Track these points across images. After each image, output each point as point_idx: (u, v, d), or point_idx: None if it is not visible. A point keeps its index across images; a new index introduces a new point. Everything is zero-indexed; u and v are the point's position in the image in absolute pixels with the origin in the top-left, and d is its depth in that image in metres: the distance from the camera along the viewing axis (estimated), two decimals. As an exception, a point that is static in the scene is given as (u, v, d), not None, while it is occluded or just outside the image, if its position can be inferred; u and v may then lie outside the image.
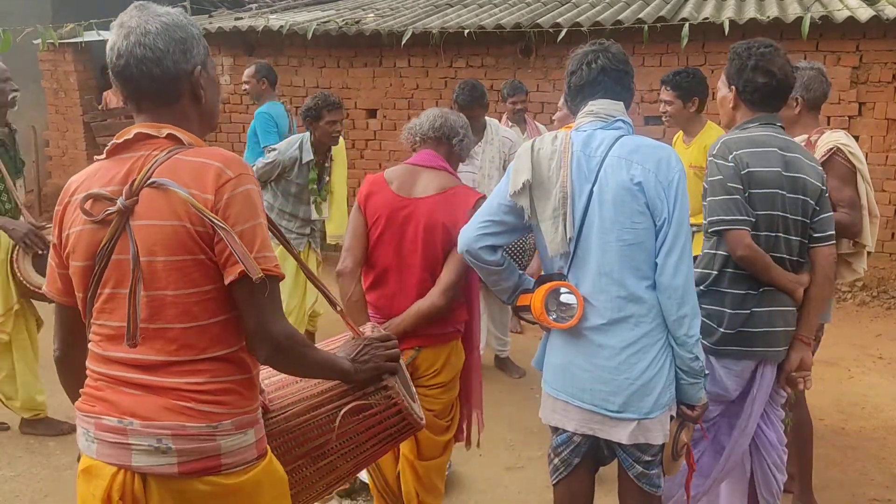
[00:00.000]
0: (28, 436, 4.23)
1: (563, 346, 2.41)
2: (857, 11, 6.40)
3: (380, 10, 9.00)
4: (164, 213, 1.60)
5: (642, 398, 2.30)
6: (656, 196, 2.27)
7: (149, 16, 1.67)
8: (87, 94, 9.68)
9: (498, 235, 2.44)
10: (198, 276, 1.61)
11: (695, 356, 2.32)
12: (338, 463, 2.03)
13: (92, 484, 1.65)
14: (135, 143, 1.69)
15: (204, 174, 1.61)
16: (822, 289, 2.73)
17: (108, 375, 1.68)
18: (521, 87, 5.92)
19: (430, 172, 2.84)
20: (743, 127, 2.74)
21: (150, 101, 1.71)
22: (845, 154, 3.16)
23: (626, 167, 2.29)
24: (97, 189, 1.65)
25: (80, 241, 1.67)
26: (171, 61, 1.67)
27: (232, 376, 1.68)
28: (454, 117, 2.96)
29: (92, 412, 1.67)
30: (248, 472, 1.68)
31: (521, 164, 2.40)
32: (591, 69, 2.41)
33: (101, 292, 1.66)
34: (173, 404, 1.62)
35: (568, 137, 2.39)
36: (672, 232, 2.27)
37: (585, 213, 2.31)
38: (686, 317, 2.28)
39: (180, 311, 1.62)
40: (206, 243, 1.60)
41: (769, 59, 2.66)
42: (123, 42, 1.66)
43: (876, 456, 4.08)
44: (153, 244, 1.60)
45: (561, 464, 2.51)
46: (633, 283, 2.29)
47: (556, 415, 2.45)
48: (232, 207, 1.60)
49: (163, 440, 1.60)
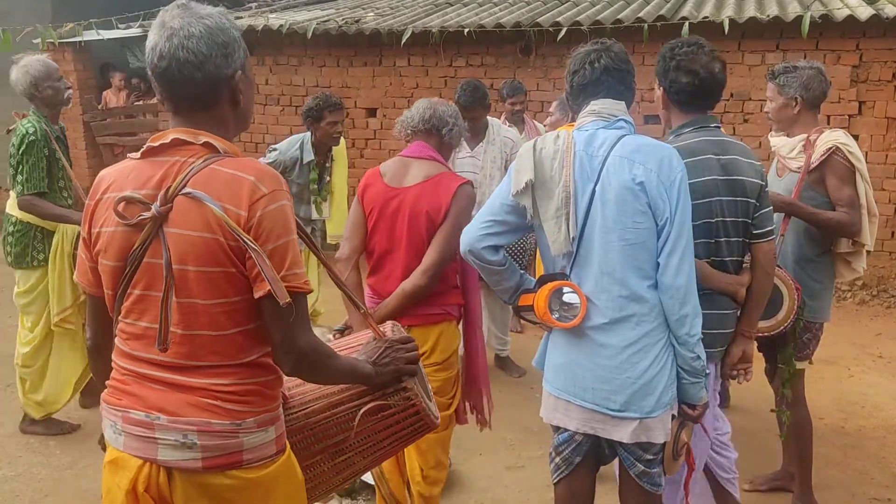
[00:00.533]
0: (28, 435, 4.23)
1: (564, 346, 2.41)
2: (856, 10, 6.39)
3: (379, 10, 9.00)
4: (198, 225, 1.61)
5: (644, 397, 2.31)
6: (658, 196, 2.27)
7: (192, 17, 1.65)
8: (87, 94, 9.67)
9: (500, 235, 2.45)
10: (227, 288, 1.63)
11: (696, 355, 2.34)
12: (354, 459, 2.07)
13: (118, 475, 1.69)
14: (171, 147, 1.68)
15: (238, 189, 1.61)
16: (763, 284, 2.73)
17: (134, 372, 1.71)
18: (520, 87, 5.91)
19: (419, 162, 2.94)
20: (678, 133, 2.69)
21: (189, 105, 1.69)
22: (844, 153, 3.17)
23: (629, 167, 2.29)
24: (131, 192, 1.65)
25: (113, 242, 1.68)
26: (213, 66, 1.65)
27: (257, 378, 1.71)
28: (443, 108, 3.03)
29: (119, 405, 1.71)
30: (268, 467, 1.73)
31: (523, 163, 2.40)
32: (593, 69, 2.41)
33: (130, 292, 1.69)
34: (199, 401, 1.66)
35: (570, 137, 2.39)
36: (674, 232, 2.27)
37: (588, 213, 2.32)
38: (688, 316, 2.29)
39: (209, 320, 1.64)
40: (238, 257, 1.62)
41: (691, 59, 2.59)
42: (166, 44, 1.63)
43: (876, 455, 4.08)
44: (185, 253, 1.61)
45: (562, 462, 2.52)
46: (635, 283, 2.29)
47: (557, 414, 2.46)
48: (265, 224, 1.61)
49: (188, 436, 1.64)
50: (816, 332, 3.41)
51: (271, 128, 8.80)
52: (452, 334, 3.01)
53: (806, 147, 3.25)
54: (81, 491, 3.70)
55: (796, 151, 3.29)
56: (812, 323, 3.36)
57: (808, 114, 3.32)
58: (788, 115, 3.33)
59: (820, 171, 3.22)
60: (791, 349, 3.32)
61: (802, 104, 3.29)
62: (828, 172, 3.21)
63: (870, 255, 3.44)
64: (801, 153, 3.27)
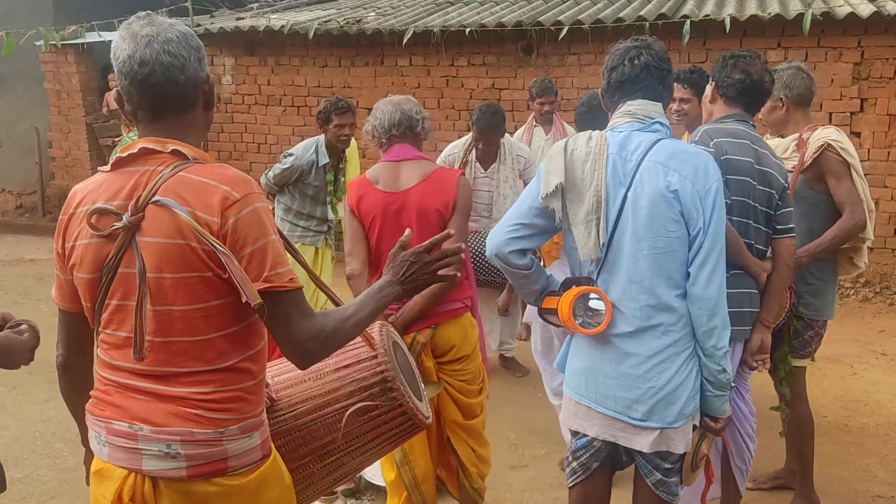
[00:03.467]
0: (35, 437, 4.25)
1: (588, 352, 2.36)
2: (858, 7, 6.39)
3: (381, 9, 9.01)
4: (171, 232, 1.61)
5: (667, 407, 2.26)
6: (692, 205, 2.22)
7: (163, 25, 1.68)
8: (90, 96, 9.70)
9: (528, 239, 2.37)
10: (204, 292, 1.63)
11: (722, 368, 2.28)
12: (344, 460, 2.07)
13: (103, 485, 1.70)
14: (140, 157, 1.69)
15: (209, 196, 1.62)
16: (783, 276, 2.89)
17: (116, 382, 1.71)
18: (551, 87, 5.71)
19: (408, 164, 2.95)
20: (721, 121, 2.91)
21: (169, 109, 1.70)
22: (836, 149, 3.19)
23: (663, 173, 2.23)
24: (103, 203, 1.66)
25: (87, 254, 1.68)
26: (192, 69, 1.69)
27: (239, 384, 1.71)
28: (407, 105, 3.00)
29: (102, 416, 1.71)
30: (253, 473, 1.73)
31: (553, 165, 2.33)
32: (633, 66, 2.33)
33: (108, 303, 1.69)
34: (181, 411, 1.65)
35: (603, 138, 2.32)
36: (707, 242, 2.23)
37: (618, 219, 2.26)
38: (716, 328, 2.24)
39: (187, 326, 1.64)
40: (214, 261, 1.61)
41: (748, 62, 2.89)
42: (146, 50, 1.64)
43: (879, 453, 4.09)
44: (160, 261, 1.62)
45: (579, 467, 2.47)
46: (663, 292, 2.24)
47: (577, 419, 2.41)
48: (240, 229, 1.61)
49: (172, 445, 1.64)
50: (819, 329, 3.41)
51: (273, 128, 8.82)
52: (473, 324, 3.09)
53: (799, 146, 3.27)
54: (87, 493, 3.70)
55: (790, 151, 3.31)
56: (815, 320, 3.36)
57: (797, 112, 3.35)
58: (778, 117, 3.38)
59: (815, 168, 3.23)
60: (785, 347, 3.34)
61: (789, 103, 3.33)
62: (824, 171, 3.22)
63: (871, 251, 3.44)
64: (794, 152, 3.28)
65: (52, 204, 10.57)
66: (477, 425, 3.12)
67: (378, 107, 3.04)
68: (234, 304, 1.65)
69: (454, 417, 3.04)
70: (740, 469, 3.11)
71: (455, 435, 3.07)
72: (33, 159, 10.43)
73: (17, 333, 1.96)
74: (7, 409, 4.57)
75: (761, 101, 2.98)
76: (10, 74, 10.41)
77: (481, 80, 7.85)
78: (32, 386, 4.76)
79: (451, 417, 3.04)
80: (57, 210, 10.44)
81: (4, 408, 4.59)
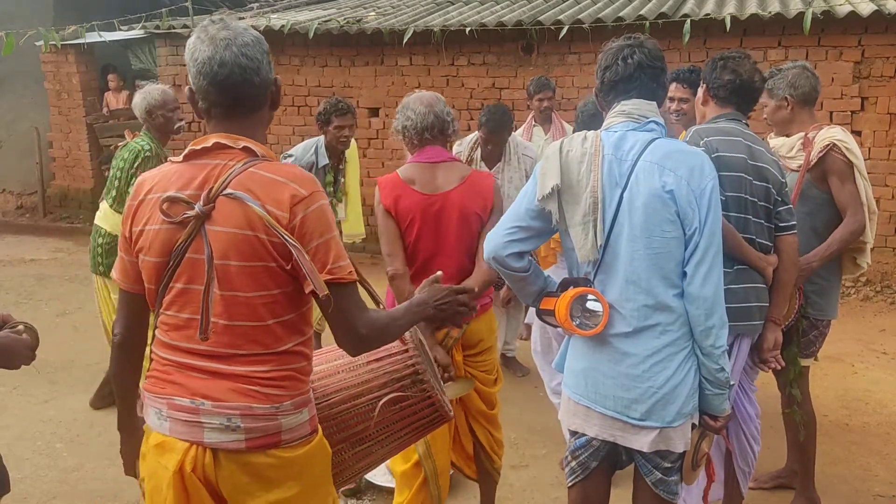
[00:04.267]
0: (35, 438, 4.25)
1: (586, 352, 2.36)
2: (858, 6, 6.39)
3: (381, 9, 9.01)
4: (240, 223, 1.74)
5: (665, 407, 2.27)
6: (687, 205, 2.22)
7: (238, 29, 1.80)
8: (90, 96, 9.70)
9: (525, 241, 2.38)
10: (267, 281, 1.77)
11: (720, 367, 2.28)
12: (373, 448, 2.19)
13: (165, 457, 1.80)
14: (212, 151, 1.81)
15: (279, 192, 1.75)
16: (789, 272, 2.91)
17: (175, 361, 1.83)
18: (547, 83, 5.70)
19: (444, 166, 2.99)
20: (713, 121, 2.96)
21: (242, 108, 1.83)
22: (841, 150, 3.19)
23: (659, 173, 2.23)
24: (175, 192, 1.78)
25: (157, 239, 1.80)
26: (264, 71, 1.83)
27: (292, 365, 1.84)
28: (439, 107, 3.02)
29: (163, 393, 1.82)
30: (304, 447, 1.86)
31: (549, 166, 2.32)
32: (626, 65, 2.32)
33: (172, 286, 1.81)
34: (240, 387, 1.78)
35: (598, 139, 2.31)
36: (703, 242, 2.22)
37: (615, 220, 2.26)
38: (714, 327, 2.24)
39: (249, 311, 1.77)
40: (280, 253, 1.74)
41: (737, 63, 2.92)
42: (225, 52, 1.76)
43: (880, 452, 4.08)
44: (228, 249, 1.75)
45: (578, 467, 2.47)
46: (661, 292, 2.24)
47: (576, 419, 2.41)
48: (307, 225, 1.75)
49: (232, 419, 1.77)
50: (823, 329, 3.41)
51: (273, 128, 8.82)
52: (494, 318, 3.24)
53: (805, 145, 3.26)
54: (88, 493, 3.72)
55: (795, 150, 3.30)
56: (819, 320, 3.36)
57: (802, 112, 3.34)
58: (783, 116, 3.37)
59: (819, 168, 3.23)
60: (795, 348, 3.33)
61: (794, 103, 3.32)
62: (828, 170, 3.22)
63: (872, 251, 3.44)
64: (799, 151, 3.28)
65: (52, 204, 10.58)
66: (497, 414, 3.27)
67: (408, 105, 3.02)
68: (293, 294, 1.80)
69: (479, 407, 3.17)
70: (743, 471, 3.12)
71: (478, 423, 3.20)
72: (34, 159, 10.44)
73: (16, 334, 2.00)
74: (8, 410, 4.57)
75: (753, 101, 2.99)
76: (11, 75, 10.42)
77: (481, 80, 7.85)
78: (33, 386, 4.77)
79: (477, 407, 3.16)
80: (57, 210, 10.46)
81: (5, 408, 4.59)
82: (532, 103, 5.74)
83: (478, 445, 3.24)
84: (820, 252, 3.22)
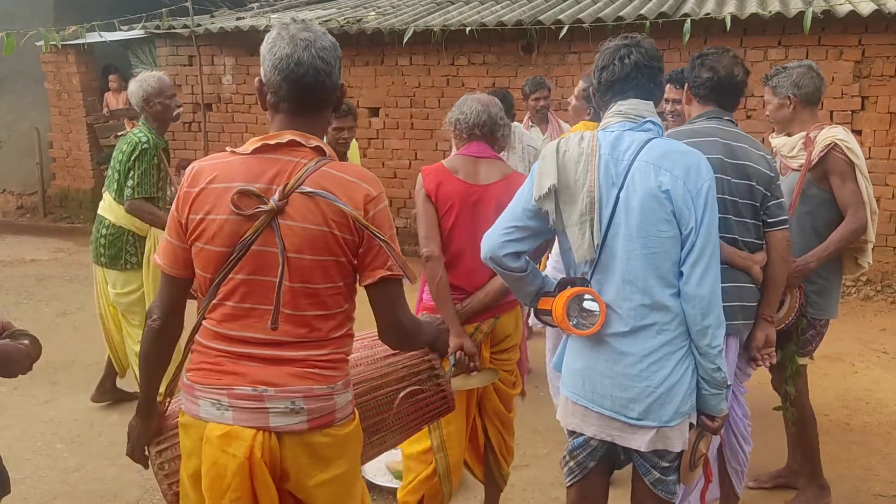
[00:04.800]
0: (35, 438, 4.25)
1: (584, 352, 2.37)
2: (859, 5, 6.39)
3: (381, 9, 9.02)
4: (317, 219, 1.82)
5: (663, 406, 2.27)
6: (684, 205, 2.22)
7: (318, 32, 1.88)
8: (90, 96, 9.71)
9: (522, 241, 2.38)
10: (334, 274, 1.87)
11: (717, 367, 2.28)
12: (386, 438, 2.31)
13: (233, 446, 1.83)
14: (285, 147, 1.87)
15: (353, 191, 1.85)
16: (779, 269, 2.86)
17: (229, 352, 1.88)
18: (542, 83, 5.74)
19: (488, 162, 3.05)
20: (692, 121, 2.95)
21: (313, 108, 1.91)
22: (842, 149, 3.18)
23: (655, 173, 2.23)
24: (246, 184, 1.82)
25: (223, 229, 1.83)
26: (335, 76, 1.91)
27: (342, 348, 1.96)
28: (494, 109, 3.07)
29: (221, 384, 1.87)
30: (350, 425, 1.96)
31: (546, 166, 2.33)
32: (623, 64, 2.33)
33: (232, 277, 1.85)
34: (299, 371, 1.86)
35: (595, 139, 2.31)
36: (700, 241, 2.23)
37: (611, 219, 2.26)
38: (710, 327, 2.25)
39: (316, 301, 1.87)
40: (350, 249, 1.86)
41: (715, 59, 2.90)
42: (304, 53, 1.83)
43: (880, 451, 4.08)
44: (302, 243, 1.82)
45: (576, 466, 2.47)
46: (657, 291, 2.25)
47: (574, 419, 2.41)
48: (377, 222, 1.86)
49: (296, 402, 1.85)
50: (821, 329, 3.41)
51: (274, 128, 8.81)
52: (521, 316, 3.26)
53: (806, 144, 3.26)
54: (89, 493, 3.72)
55: (797, 150, 3.30)
56: (817, 320, 3.36)
57: (804, 111, 3.33)
58: (785, 115, 3.35)
59: (821, 167, 3.23)
60: (793, 347, 3.33)
61: (797, 102, 3.31)
62: (829, 170, 3.22)
63: (873, 250, 3.43)
64: (801, 151, 3.28)
65: (52, 204, 10.58)
66: (512, 418, 3.26)
67: (466, 101, 3.09)
68: (351, 284, 1.93)
69: (497, 407, 3.17)
70: (736, 470, 3.12)
71: (493, 425, 3.20)
72: (34, 160, 10.44)
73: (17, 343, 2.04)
74: (8, 410, 4.57)
75: (735, 96, 2.95)
76: (11, 75, 10.42)
77: (482, 79, 7.85)
78: (33, 387, 4.77)
79: (494, 407, 3.17)
80: (58, 210, 10.46)
81: (6, 409, 4.59)
82: (528, 103, 5.74)
83: (488, 447, 3.23)
84: (818, 252, 3.22)
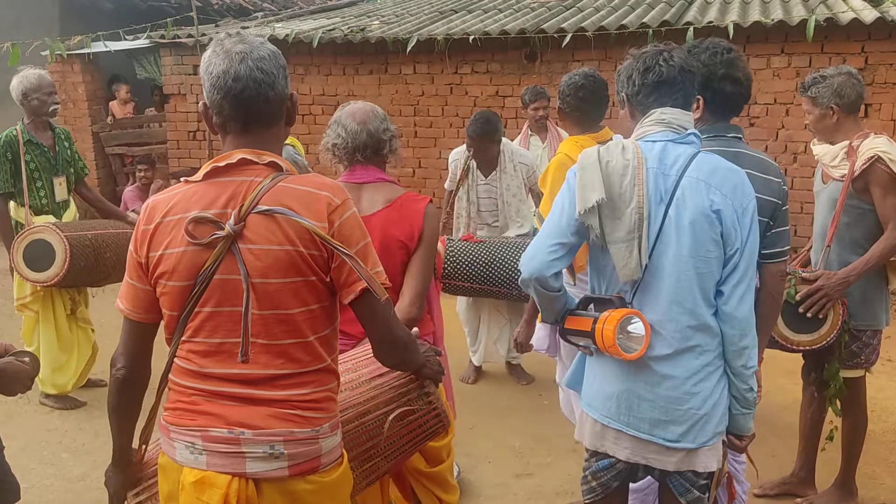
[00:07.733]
0: (41, 447, 4.26)
1: (621, 375, 2.26)
2: (861, 13, 6.40)
3: (385, 18, 9.05)
4: (278, 238, 1.68)
5: (703, 427, 2.23)
6: (732, 225, 2.15)
7: (254, 43, 1.76)
8: (96, 105, 9.74)
9: (564, 258, 2.24)
10: (307, 296, 1.72)
11: (750, 387, 2.26)
12: (381, 464, 2.17)
13: (206, 493, 1.72)
14: (236, 167, 1.75)
15: (315, 203, 1.71)
16: (769, 307, 2.55)
17: (203, 390, 1.75)
18: (542, 92, 5.74)
19: (371, 187, 2.68)
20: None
21: (258, 123, 1.77)
22: (885, 162, 3.10)
23: (706, 191, 2.14)
24: (200, 212, 1.71)
25: (182, 262, 1.72)
26: (280, 86, 1.77)
27: (328, 385, 1.82)
28: (374, 124, 2.65)
29: (195, 425, 1.74)
30: (338, 469, 1.83)
31: (589, 178, 2.17)
32: (670, 66, 2.20)
33: (198, 311, 1.73)
34: (279, 412, 1.73)
35: (639, 150, 2.19)
36: (744, 262, 2.17)
37: (658, 237, 2.15)
38: (747, 348, 2.21)
39: (290, 329, 1.73)
40: (319, 266, 1.71)
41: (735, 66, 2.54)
42: (240, 66, 1.71)
43: (886, 460, 4.07)
44: (266, 267, 1.69)
45: (599, 487, 2.41)
46: (703, 312, 2.18)
47: (606, 442, 2.34)
48: (344, 232, 1.71)
49: (275, 446, 1.72)
50: (867, 340, 3.33)
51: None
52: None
53: (849, 154, 3.18)
54: (93, 502, 3.72)
55: (839, 159, 3.22)
56: (861, 331, 3.29)
57: (847, 120, 3.23)
58: (828, 125, 3.24)
59: (863, 179, 3.15)
60: (837, 364, 3.28)
61: (840, 112, 3.21)
62: (871, 182, 3.14)
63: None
64: (843, 160, 3.20)
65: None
66: (444, 471, 2.72)
67: (341, 120, 2.67)
68: (329, 308, 1.78)
69: (416, 465, 2.64)
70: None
71: (419, 485, 2.69)
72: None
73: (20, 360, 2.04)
74: (13, 419, 4.58)
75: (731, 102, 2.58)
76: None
77: (485, 88, 7.87)
78: (38, 396, 4.78)
79: (415, 466, 2.63)
80: (63, 219, 10.48)
81: (11, 418, 4.60)
82: (527, 112, 5.78)
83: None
84: (858, 266, 3.15)
